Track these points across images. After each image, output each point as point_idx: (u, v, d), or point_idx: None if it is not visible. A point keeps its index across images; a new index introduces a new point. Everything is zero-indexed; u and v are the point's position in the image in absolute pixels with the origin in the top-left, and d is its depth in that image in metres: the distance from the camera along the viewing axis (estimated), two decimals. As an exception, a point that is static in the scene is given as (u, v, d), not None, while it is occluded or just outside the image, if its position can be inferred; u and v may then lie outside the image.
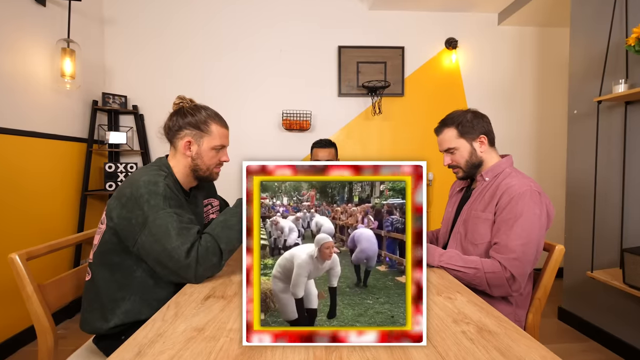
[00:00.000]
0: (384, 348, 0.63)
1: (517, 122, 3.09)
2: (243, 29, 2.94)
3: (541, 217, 1.07)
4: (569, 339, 2.09)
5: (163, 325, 0.72)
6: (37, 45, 2.16)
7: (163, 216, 0.93)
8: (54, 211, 2.29)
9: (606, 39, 1.92)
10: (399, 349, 0.63)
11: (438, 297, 0.87)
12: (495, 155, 1.25)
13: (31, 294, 0.94)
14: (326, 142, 2.19)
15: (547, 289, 1.10)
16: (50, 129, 2.25)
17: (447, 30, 3.02)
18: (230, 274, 1.05)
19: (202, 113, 1.11)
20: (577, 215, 2.19)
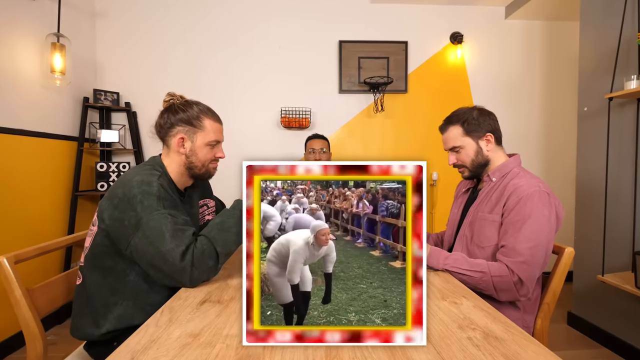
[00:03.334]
0: (384, 349, 0.64)
1: (524, 119, 3.09)
2: (240, 23, 2.94)
3: (550, 219, 1.07)
4: (579, 345, 2.08)
5: (157, 331, 0.71)
6: (26, 39, 2.16)
7: (157, 217, 0.93)
8: (43, 212, 2.29)
9: (617, 33, 1.92)
10: (401, 351, 0.63)
11: (443, 302, 0.87)
12: (503, 155, 1.25)
13: (19, 299, 0.93)
14: (320, 134, 2.44)
15: (556, 293, 1.10)
16: (39, 126, 2.25)
17: (452, 24, 3.02)
18: (227, 277, 1.05)
19: (193, 108, 1.11)
20: (587, 216, 2.19)
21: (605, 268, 1.95)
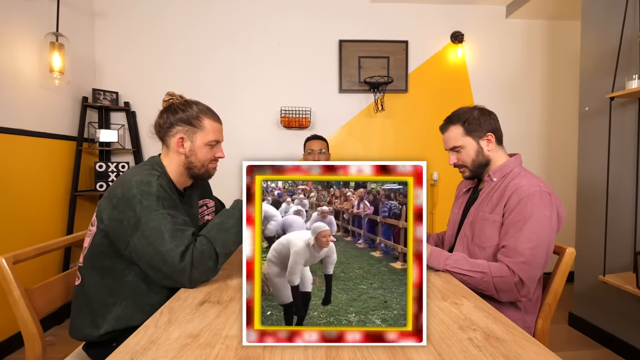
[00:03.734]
0: (384, 349, 0.64)
1: (525, 119, 3.10)
2: (239, 21, 2.94)
3: (551, 219, 1.08)
4: (580, 346, 2.09)
5: (156, 331, 0.72)
6: (25, 39, 2.16)
7: (156, 217, 0.93)
8: (42, 212, 2.29)
9: (619, 32, 1.92)
10: (401, 351, 0.63)
11: (443, 303, 0.87)
12: (503, 155, 1.26)
13: (18, 299, 0.93)
14: (318, 135, 2.45)
15: (557, 294, 1.10)
16: (38, 126, 2.25)
17: (453, 24, 3.03)
18: (227, 278, 1.05)
19: (193, 108, 1.11)
20: (588, 216, 2.19)
21: (606, 268, 1.95)
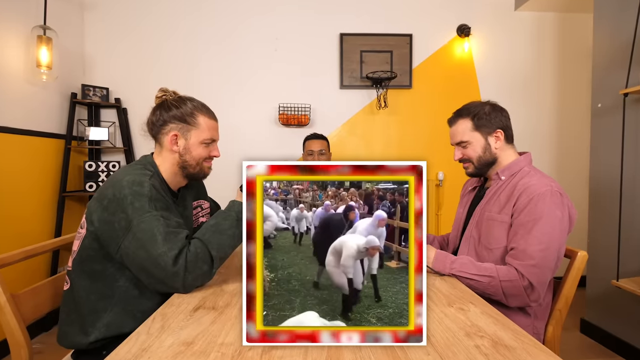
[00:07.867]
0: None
1: (535, 116, 3.10)
2: (235, 14, 2.94)
3: (562, 220, 1.07)
4: (592, 354, 2.09)
5: (148, 339, 0.71)
6: (10, 32, 2.16)
7: (148, 220, 0.93)
8: (29, 214, 2.29)
9: (633, 25, 1.91)
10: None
11: (449, 309, 0.87)
12: (513, 153, 1.25)
13: (4, 305, 0.93)
14: (319, 134, 2.37)
15: (569, 299, 1.10)
16: (24, 124, 2.25)
17: (459, 16, 3.02)
18: (222, 283, 1.05)
19: (187, 105, 1.11)
20: (601, 218, 2.19)
21: (620, 272, 1.95)
